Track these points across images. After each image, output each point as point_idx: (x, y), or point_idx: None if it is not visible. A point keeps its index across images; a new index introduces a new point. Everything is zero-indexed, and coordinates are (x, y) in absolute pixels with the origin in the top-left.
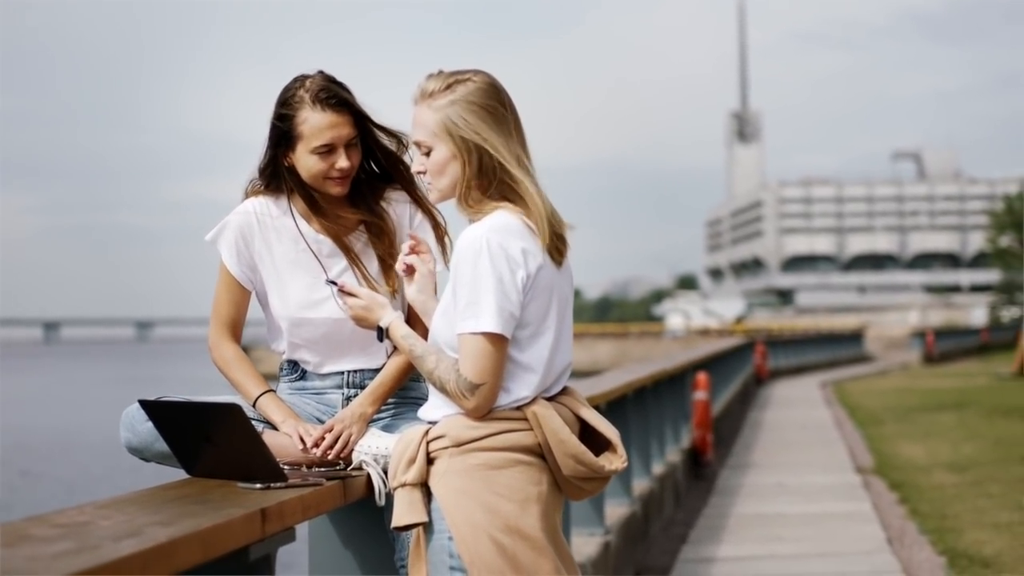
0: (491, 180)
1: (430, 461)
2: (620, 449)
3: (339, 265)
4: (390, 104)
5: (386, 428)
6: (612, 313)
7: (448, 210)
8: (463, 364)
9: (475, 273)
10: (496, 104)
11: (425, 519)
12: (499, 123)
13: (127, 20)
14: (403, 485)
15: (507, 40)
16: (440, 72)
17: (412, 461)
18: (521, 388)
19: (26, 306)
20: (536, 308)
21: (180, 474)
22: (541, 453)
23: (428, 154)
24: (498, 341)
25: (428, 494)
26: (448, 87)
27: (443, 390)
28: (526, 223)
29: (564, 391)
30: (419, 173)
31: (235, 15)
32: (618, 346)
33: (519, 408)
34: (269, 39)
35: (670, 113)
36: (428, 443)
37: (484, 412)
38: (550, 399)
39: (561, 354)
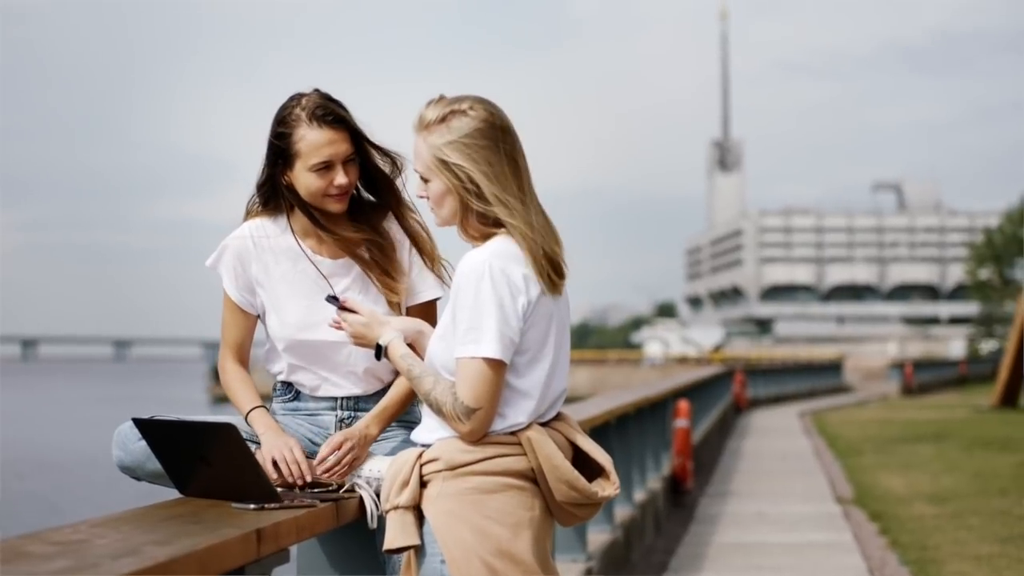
0: (487, 211)
1: (423, 484)
2: (613, 476)
3: (340, 284)
4: (376, 119)
5: (391, 455)
6: (590, 340)
7: (449, 233)
8: (461, 388)
9: (476, 298)
10: (489, 139)
11: (417, 542)
12: (493, 157)
13: (113, 38)
14: (396, 508)
15: (486, 64)
16: (440, 99)
17: (405, 484)
18: (517, 414)
19: (4, 323)
20: (535, 334)
21: (163, 493)
22: (534, 478)
23: (426, 183)
24: (497, 367)
25: (420, 517)
26: (443, 119)
27: (439, 413)
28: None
29: (558, 417)
30: (420, 197)
31: (221, 33)
32: (596, 373)
33: (513, 433)
34: (255, 57)
35: (651, 140)
36: (421, 466)
37: (479, 437)
38: (544, 424)
39: (557, 380)
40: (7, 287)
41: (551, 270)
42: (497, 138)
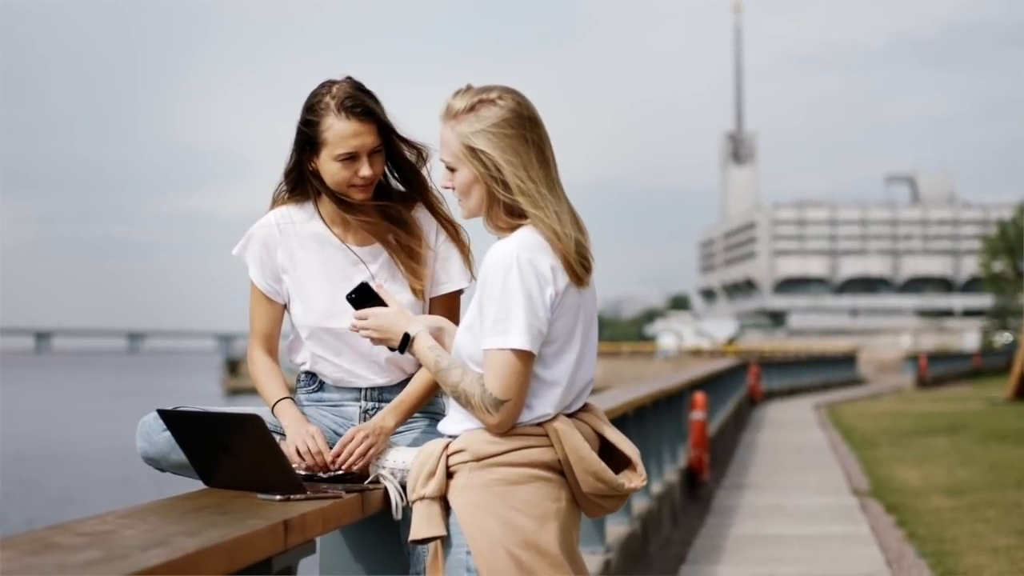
0: (513, 202)
1: (449, 475)
2: (640, 467)
3: (366, 270)
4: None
5: (414, 444)
6: (604, 332)
7: (475, 224)
8: (489, 379)
9: (504, 289)
10: (517, 129)
11: (443, 533)
12: (521, 147)
13: (121, 32)
14: (422, 498)
15: (500, 58)
16: (468, 89)
17: (431, 474)
18: (544, 405)
19: (18, 315)
20: (563, 325)
21: (188, 484)
22: (560, 470)
23: (452, 172)
24: (525, 358)
25: (446, 508)
26: (472, 108)
27: (467, 405)
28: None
29: (585, 408)
30: (446, 188)
31: (229, 27)
32: (610, 365)
33: (540, 424)
34: (263, 52)
35: (665, 133)
36: (448, 457)
37: (507, 428)
38: (571, 415)
39: (584, 371)
40: (21, 280)
41: (578, 262)
42: (525, 128)
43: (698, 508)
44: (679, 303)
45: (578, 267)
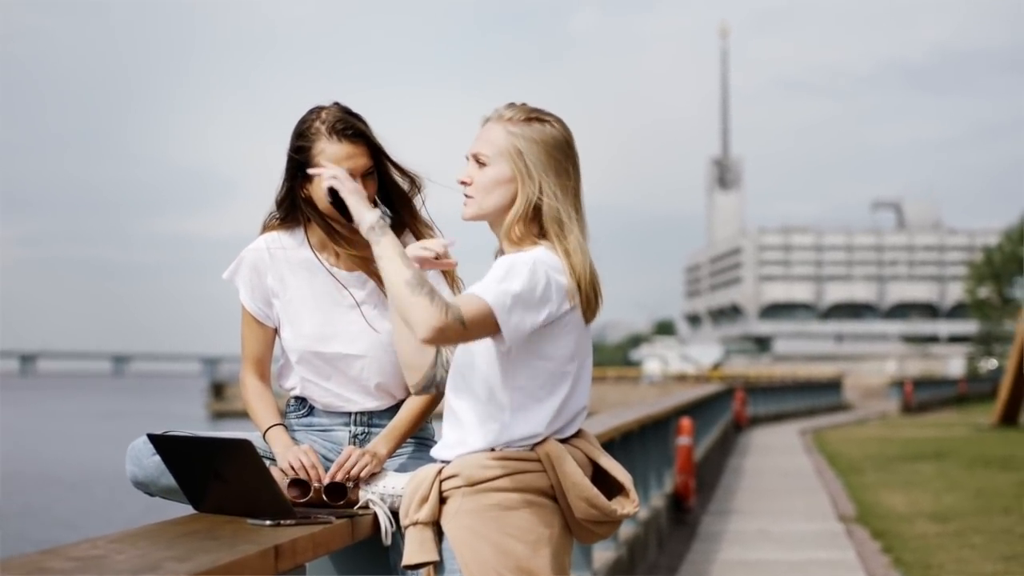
0: (539, 221)
1: (442, 500)
2: (632, 493)
3: (355, 296)
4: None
5: (401, 470)
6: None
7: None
8: (460, 302)
9: (513, 271)
10: (565, 155)
11: (436, 558)
12: (563, 173)
13: (110, 53)
14: (415, 524)
15: (485, 81)
16: (523, 104)
17: (424, 500)
18: (535, 425)
19: (2, 338)
20: (563, 346)
21: (174, 509)
22: (553, 495)
23: (480, 167)
24: (490, 318)
25: (439, 533)
26: (527, 120)
27: (413, 297)
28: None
29: (577, 434)
30: (461, 183)
31: (220, 48)
32: (595, 390)
33: (532, 448)
34: (254, 72)
35: (651, 158)
36: (441, 482)
37: (437, 341)
38: (563, 441)
39: (577, 397)
40: (5, 302)
41: (591, 294)
42: (570, 158)
43: (684, 533)
44: (664, 328)
45: (591, 298)
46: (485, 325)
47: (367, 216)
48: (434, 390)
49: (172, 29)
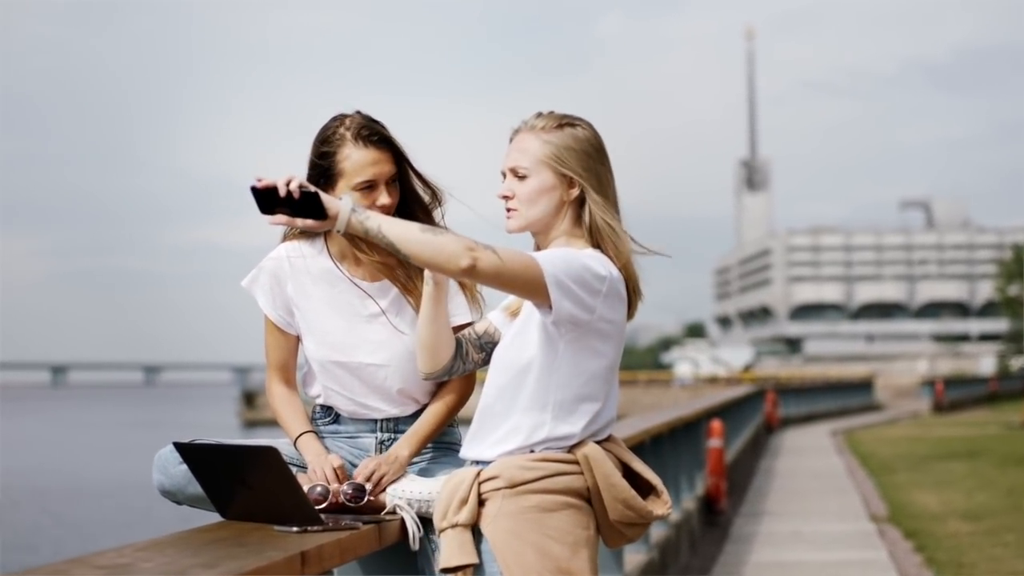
0: (583, 223)
1: (481, 503)
2: (664, 495)
3: (378, 305)
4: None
5: (422, 473)
6: (620, 361)
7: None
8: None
9: (567, 254)
10: (600, 157)
11: (476, 560)
12: (601, 174)
13: (129, 62)
14: (453, 526)
15: (513, 85)
16: (551, 112)
17: (464, 502)
18: (575, 426)
19: (33, 350)
20: (611, 349)
21: (202, 517)
22: (588, 497)
23: (520, 180)
24: (534, 269)
25: (477, 535)
26: (560, 126)
27: (438, 244)
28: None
29: (608, 438)
30: (504, 197)
31: (241, 57)
32: (626, 394)
33: (570, 450)
34: (270, 81)
35: (679, 161)
36: (480, 484)
37: (475, 271)
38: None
39: (612, 401)
40: (36, 314)
41: (635, 297)
42: (604, 159)
43: (716, 535)
44: (695, 331)
45: (635, 300)
46: (526, 272)
47: (345, 200)
48: (446, 377)
49: (188, 40)
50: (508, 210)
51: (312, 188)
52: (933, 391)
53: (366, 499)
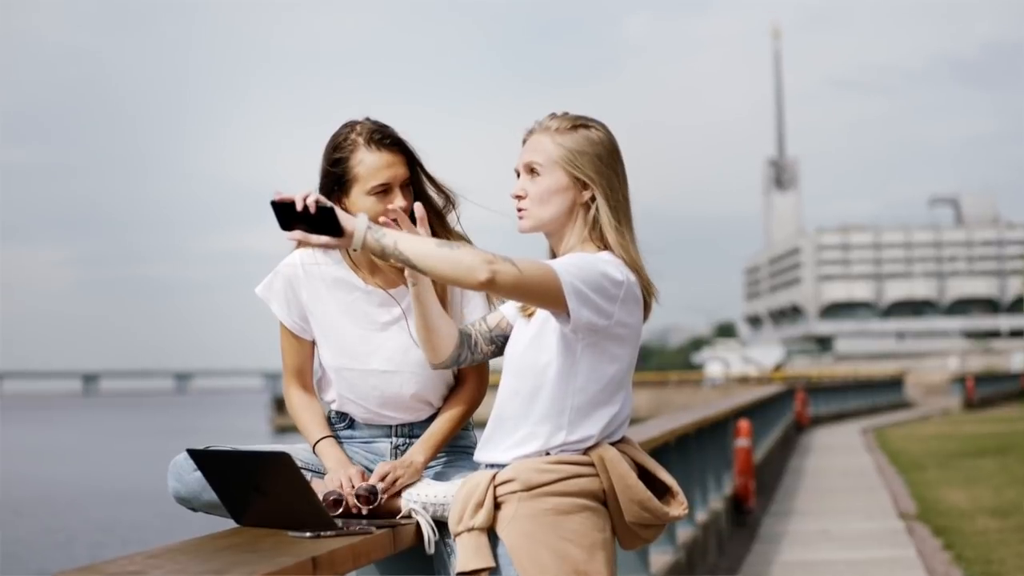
0: (594, 226)
1: (497, 506)
2: (680, 496)
3: (393, 311)
4: (436, 150)
5: (437, 476)
6: (651, 361)
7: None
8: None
9: (582, 259)
10: (614, 160)
11: (492, 564)
12: (615, 177)
13: (154, 71)
14: (470, 530)
15: (546, 86)
16: (565, 114)
17: (480, 505)
18: (591, 428)
19: (65, 359)
20: (628, 352)
21: (224, 524)
22: (604, 499)
23: (533, 179)
24: (552, 280)
25: (493, 539)
26: (574, 128)
27: (455, 257)
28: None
29: (622, 440)
30: (516, 196)
31: (274, 66)
32: (657, 395)
33: (585, 452)
34: (301, 90)
35: (707, 160)
36: (496, 487)
37: (494, 283)
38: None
39: (627, 403)
40: (67, 322)
41: (649, 301)
42: (618, 161)
43: (744, 535)
44: (725, 331)
45: (651, 295)
46: (544, 282)
47: (360, 218)
48: (455, 367)
49: (227, 47)
50: (520, 210)
51: (328, 204)
52: (964, 388)
53: (379, 501)
